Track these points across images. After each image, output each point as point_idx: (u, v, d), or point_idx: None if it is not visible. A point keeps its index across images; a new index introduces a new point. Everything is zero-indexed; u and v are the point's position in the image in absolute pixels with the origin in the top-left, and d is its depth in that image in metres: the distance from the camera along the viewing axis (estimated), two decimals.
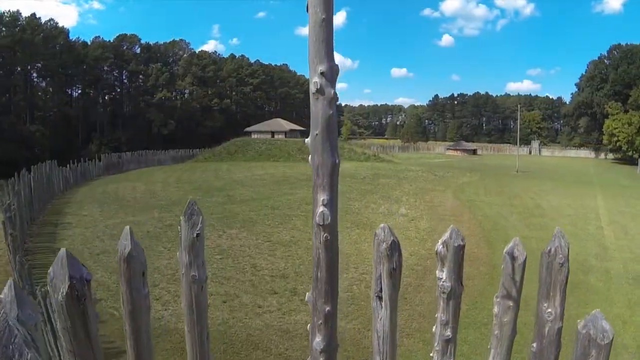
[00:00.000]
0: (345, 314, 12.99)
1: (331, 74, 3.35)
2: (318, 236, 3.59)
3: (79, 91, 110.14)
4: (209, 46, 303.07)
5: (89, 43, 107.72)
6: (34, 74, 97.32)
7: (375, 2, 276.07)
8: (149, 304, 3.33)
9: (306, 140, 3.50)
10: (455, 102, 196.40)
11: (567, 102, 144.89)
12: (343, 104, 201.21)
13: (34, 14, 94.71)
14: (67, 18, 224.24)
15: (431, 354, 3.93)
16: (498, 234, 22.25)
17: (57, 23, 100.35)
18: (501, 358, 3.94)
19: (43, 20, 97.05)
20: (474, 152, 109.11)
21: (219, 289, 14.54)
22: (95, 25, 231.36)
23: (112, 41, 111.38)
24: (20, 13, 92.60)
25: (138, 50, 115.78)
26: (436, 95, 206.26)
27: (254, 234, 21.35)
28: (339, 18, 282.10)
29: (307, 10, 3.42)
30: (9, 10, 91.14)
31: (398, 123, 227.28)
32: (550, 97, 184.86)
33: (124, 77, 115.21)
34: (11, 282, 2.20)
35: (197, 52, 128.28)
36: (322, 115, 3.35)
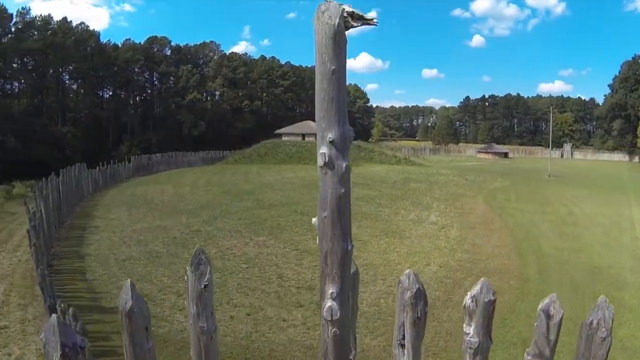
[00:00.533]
0: (370, 329, 12.69)
1: (343, 143, 3.02)
2: (326, 330, 3.30)
3: (110, 93, 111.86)
4: (240, 47, 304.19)
5: (120, 45, 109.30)
6: (66, 76, 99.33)
7: (406, 2, 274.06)
8: (154, 357, 3.11)
9: (313, 220, 3.23)
10: (487, 104, 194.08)
11: (600, 104, 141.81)
12: (374, 106, 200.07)
13: (65, 18, 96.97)
14: (98, 20, 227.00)
15: None
16: (530, 244, 21.65)
17: (87, 26, 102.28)
18: None
19: (74, 24, 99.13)
20: (505, 155, 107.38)
21: (244, 301, 14.38)
22: (127, 27, 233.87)
23: (142, 43, 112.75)
24: (52, 17, 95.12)
25: (168, 52, 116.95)
26: (467, 97, 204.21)
27: (282, 241, 21.17)
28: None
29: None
30: (41, 15, 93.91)
31: (429, 124, 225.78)
32: (583, 98, 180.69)
33: (154, 79, 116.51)
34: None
35: (227, 53, 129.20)
36: (332, 193, 3.04)
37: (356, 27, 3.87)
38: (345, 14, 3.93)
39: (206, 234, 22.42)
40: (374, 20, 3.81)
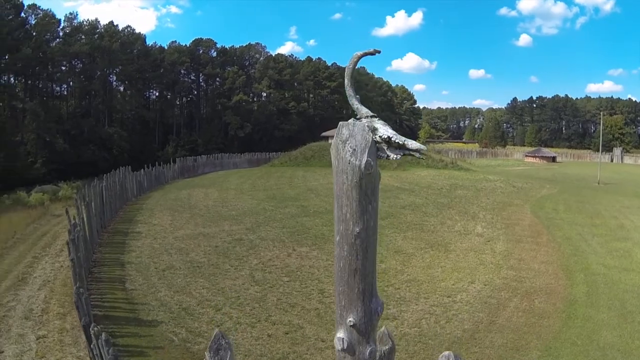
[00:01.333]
0: (410, 353, 12.27)
1: (368, 324, 2.64)
2: None
3: (156, 94, 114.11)
4: (286, 48, 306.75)
5: (166, 47, 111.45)
6: (113, 78, 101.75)
7: (451, 1, 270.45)
8: None
9: None
10: (534, 105, 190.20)
11: None
12: (421, 107, 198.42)
13: (111, 22, 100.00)
14: (145, 22, 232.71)
15: None
16: (577, 261, 20.65)
17: (133, 29, 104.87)
18: None
19: (121, 27, 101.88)
20: (554, 159, 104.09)
21: (283, 318, 14.14)
22: (173, 29, 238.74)
23: (188, 45, 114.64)
24: (99, 21, 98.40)
25: (214, 54, 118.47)
26: (514, 98, 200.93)
27: (325, 252, 20.88)
28: (416, 19, 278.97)
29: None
30: (88, 19, 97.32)
31: (476, 126, 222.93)
32: (633, 99, 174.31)
33: (200, 80, 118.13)
34: None
35: (273, 55, 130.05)
36: None
37: (395, 158, 3.47)
38: (378, 138, 3.49)
39: (248, 243, 22.35)
40: (420, 153, 3.39)
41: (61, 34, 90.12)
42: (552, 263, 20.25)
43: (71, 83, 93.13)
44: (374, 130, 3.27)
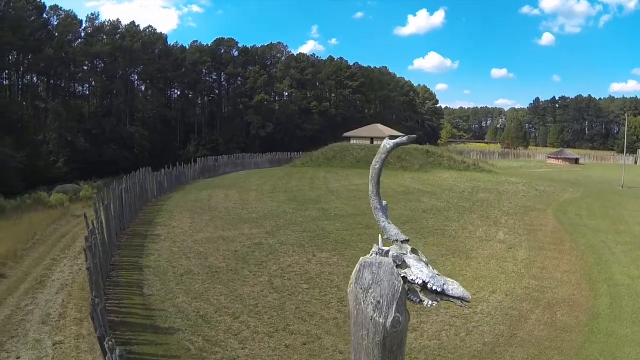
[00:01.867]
0: None
1: None
2: None
3: (178, 93, 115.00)
4: (308, 47, 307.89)
5: (187, 47, 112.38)
6: (134, 77, 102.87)
7: (473, 0, 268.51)
8: None
9: None
10: (557, 106, 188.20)
11: None
12: (443, 107, 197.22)
13: (133, 22, 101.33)
14: (167, 22, 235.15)
15: None
16: (601, 271, 20.09)
17: (155, 29, 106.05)
18: None
19: (142, 27, 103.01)
20: (577, 161, 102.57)
21: (301, 328, 13.96)
22: (195, 28, 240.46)
23: (210, 45, 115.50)
24: (120, 22, 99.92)
25: (236, 54, 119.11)
26: (537, 98, 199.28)
27: (346, 259, 20.67)
28: (438, 17, 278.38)
29: None
30: (109, 20, 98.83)
31: (498, 126, 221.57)
32: None
33: (222, 80, 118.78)
34: None
35: (295, 54, 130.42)
36: None
37: (430, 305, 3.17)
38: (410, 282, 3.16)
39: (268, 248, 22.22)
40: (462, 301, 3.12)
41: (83, 34, 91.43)
42: (575, 272, 19.82)
43: (93, 83, 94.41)
44: (404, 266, 2.93)
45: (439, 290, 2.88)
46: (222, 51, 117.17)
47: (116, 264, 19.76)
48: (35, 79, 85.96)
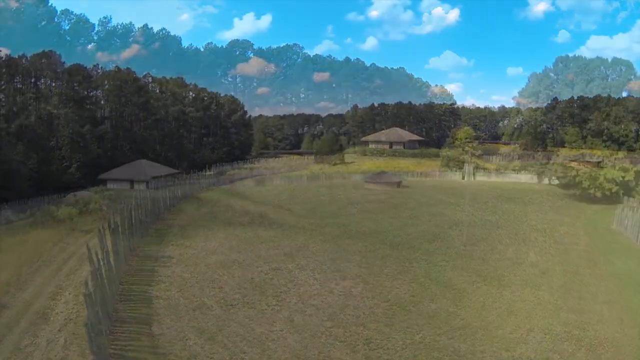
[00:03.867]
0: None
1: None
2: None
3: (192, 95, 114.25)
4: (323, 46, 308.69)
5: (202, 49, 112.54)
6: (149, 80, 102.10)
7: None
8: None
9: None
10: (575, 106, 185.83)
11: None
12: (460, 106, 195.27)
13: (145, 25, 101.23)
14: (182, 23, 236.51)
15: None
16: None
17: (169, 32, 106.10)
18: None
19: (155, 30, 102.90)
20: (598, 164, 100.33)
21: None
22: (210, 29, 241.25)
23: (224, 47, 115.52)
24: (133, 24, 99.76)
25: (251, 55, 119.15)
26: (555, 98, 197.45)
27: (370, 286, 19.39)
28: (452, 15, 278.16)
29: None
30: (122, 23, 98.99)
31: (515, 126, 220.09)
32: None
33: (237, 81, 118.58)
34: None
35: (311, 56, 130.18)
36: None
37: None
38: None
39: (287, 274, 20.92)
40: None
41: (95, 38, 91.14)
42: (614, 303, 18.54)
43: (106, 87, 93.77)
44: None
45: None
46: (237, 53, 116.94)
47: (124, 293, 18.62)
48: (47, 83, 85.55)
